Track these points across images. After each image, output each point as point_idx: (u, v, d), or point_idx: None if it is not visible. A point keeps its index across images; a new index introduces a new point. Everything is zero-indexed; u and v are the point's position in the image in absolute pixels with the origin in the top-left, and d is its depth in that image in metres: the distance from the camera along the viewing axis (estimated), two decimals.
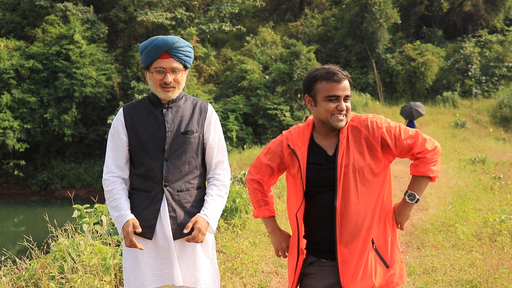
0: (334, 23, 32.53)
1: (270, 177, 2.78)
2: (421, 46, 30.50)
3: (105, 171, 2.84)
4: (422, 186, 2.59)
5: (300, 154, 2.57)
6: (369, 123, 2.53)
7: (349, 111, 2.57)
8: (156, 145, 2.78)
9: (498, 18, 35.04)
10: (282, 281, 5.25)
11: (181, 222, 2.78)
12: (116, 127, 2.83)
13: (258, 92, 26.25)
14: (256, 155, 20.86)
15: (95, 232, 4.87)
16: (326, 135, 2.60)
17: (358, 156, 2.49)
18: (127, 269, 2.81)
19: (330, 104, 2.51)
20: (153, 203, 2.78)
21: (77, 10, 27.90)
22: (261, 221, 7.25)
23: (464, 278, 4.99)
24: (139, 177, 2.82)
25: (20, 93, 25.15)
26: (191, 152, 2.84)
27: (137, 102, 2.91)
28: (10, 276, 4.15)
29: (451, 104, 28.12)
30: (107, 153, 2.86)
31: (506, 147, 20.03)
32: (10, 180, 25.63)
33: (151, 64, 2.79)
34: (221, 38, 33.50)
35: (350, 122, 2.56)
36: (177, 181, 2.80)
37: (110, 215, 2.84)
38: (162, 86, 2.77)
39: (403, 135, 2.51)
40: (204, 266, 2.83)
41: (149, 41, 2.80)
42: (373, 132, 2.51)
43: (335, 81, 2.51)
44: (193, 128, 2.83)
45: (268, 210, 2.81)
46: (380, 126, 2.52)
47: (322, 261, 2.58)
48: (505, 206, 8.16)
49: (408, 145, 2.50)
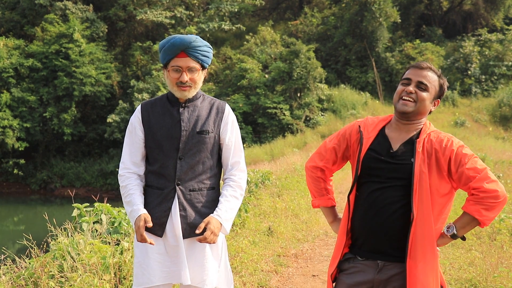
0: (334, 22, 32.52)
1: (333, 164, 2.71)
2: (421, 45, 30.51)
3: (121, 167, 2.86)
4: (465, 226, 2.40)
5: (365, 139, 2.52)
6: (444, 140, 2.42)
7: (421, 102, 2.46)
8: (170, 143, 2.78)
9: (498, 17, 35.04)
10: (282, 280, 5.25)
11: (191, 221, 2.78)
12: (134, 124, 2.85)
13: (258, 91, 26.25)
14: (256, 153, 20.90)
15: (94, 231, 4.86)
16: (397, 128, 2.52)
17: (426, 170, 2.39)
18: (136, 264, 2.83)
19: (401, 87, 2.50)
20: (165, 201, 2.78)
21: (76, 9, 27.89)
22: (260, 221, 7.26)
23: (464, 276, 5.00)
24: (153, 174, 2.83)
25: (19, 92, 25.16)
26: (206, 152, 2.83)
27: (155, 100, 2.92)
28: (10, 275, 4.15)
29: (450, 103, 28.14)
30: (124, 149, 2.88)
31: (506, 146, 20.06)
32: (10, 179, 25.64)
33: (168, 63, 2.78)
34: (221, 37, 33.49)
35: (429, 136, 2.46)
36: (190, 180, 2.80)
37: (125, 210, 2.86)
38: (178, 85, 2.77)
39: (468, 164, 2.35)
40: (212, 266, 2.81)
41: (167, 39, 2.79)
42: (444, 149, 2.39)
43: (415, 67, 2.50)
44: (208, 128, 2.83)
45: (330, 200, 2.74)
46: (452, 145, 2.40)
47: (358, 259, 2.52)
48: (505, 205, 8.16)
49: (467, 175, 2.34)
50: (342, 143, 2.65)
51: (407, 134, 2.49)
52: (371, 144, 2.52)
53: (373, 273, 2.47)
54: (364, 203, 2.49)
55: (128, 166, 2.84)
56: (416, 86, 2.46)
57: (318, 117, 26.00)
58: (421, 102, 2.45)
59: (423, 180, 2.37)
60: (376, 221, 2.45)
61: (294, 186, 9.96)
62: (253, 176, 9.66)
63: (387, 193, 2.44)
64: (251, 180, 9.32)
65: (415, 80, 2.46)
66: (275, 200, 8.54)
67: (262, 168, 11.93)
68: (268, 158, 19.19)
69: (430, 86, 2.46)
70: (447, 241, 2.47)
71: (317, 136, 23.13)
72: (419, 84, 2.46)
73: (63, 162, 26.30)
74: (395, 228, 2.42)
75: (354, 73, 30.12)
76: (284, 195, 9.10)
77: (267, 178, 9.82)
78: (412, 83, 2.46)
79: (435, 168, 2.39)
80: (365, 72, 30.19)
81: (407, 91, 2.45)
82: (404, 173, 2.41)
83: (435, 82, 2.48)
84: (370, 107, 27.42)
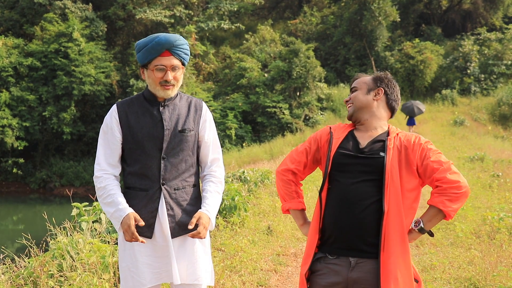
0: (333, 21, 32.53)
1: (304, 167, 2.78)
2: (420, 44, 30.52)
3: (96, 168, 2.79)
4: (432, 219, 2.50)
5: (335, 139, 2.65)
6: (412, 138, 2.55)
7: (354, 99, 2.69)
8: (153, 143, 2.76)
9: (497, 16, 35.06)
10: (281, 279, 5.25)
11: (179, 220, 2.78)
12: (110, 124, 2.78)
13: (257, 90, 26.25)
14: (256, 152, 20.90)
15: (94, 230, 4.86)
16: (361, 130, 2.67)
17: (396, 165, 2.49)
18: (123, 268, 2.79)
19: None
20: (151, 201, 2.76)
21: (75, 8, 27.88)
22: (260, 220, 7.26)
23: (463, 275, 5.00)
24: (134, 175, 2.78)
25: (18, 91, 25.14)
26: (188, 150, 2.84)
27: (131, 100, 2.86)
28: (9, 274, 4.14)
29: (450, 102, 28.15)
30: (98, 150, 2.80)
31: (505, 145, 20.06)
32: (9, 178, 25.62)
33: (150, 62, 2.75)
34: (220, 36, 33.49)
35: (398, 134, 2.60)
36: (174, 179, 2.79)
37: (105, 212, 2.77)
38: (162, 84, 2.74)
39: (433, 157, 2.47)
40: (204, 262, 2.84)
41: (149, 38, 2.76)
42: (413, 145, 2.52)
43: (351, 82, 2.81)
44: (189, 126, 2.83)
45: (301, 203, 2.79)
46: (420, 141, 2.54)
47: (329, 258, 2.54)
48: (504, 204, 8.16)
49: (432, 167, 2.45)
50: (313, 145, 2.74)
51: (373, 133, 2.63)
52: (340, 143, 2.63)
53: (346, 272, 2.49)
54: (336, 199, 2.54)
55: (105, 168, 2.77)
56: (350, 93, 2.74)
57: (318, 116, 26.01)
58: (354, 99, 2.68)
59: (394, 175, 2.46)
60: (348, 217, 2.50)
61: None
62: (252, 175, 9.65)
63: (359, 188, 2.50)
64: (251, 179, 9.32)
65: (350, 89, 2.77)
66: (275, 199, 8.54)
67: (261, 167, 11.93)
68: (267, 157, 19.19)
69: (359, 85, 2.70)
70: (416, 236, 2.55)
71: None
72: (351, 90, 2.74)
73: (62, 161, 26.29)
74: (368, 223, 2.47)
75: (353, 72, 30.13)
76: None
77: (267, 177, 9.81)
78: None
79: (404, 164, 2.50)
80: (365, 71, 30.17)
81: (345, 101, 2.75)
82: (375, 167, 2.49)
83: (364, 80, 2.71)
84: None
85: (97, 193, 2.78)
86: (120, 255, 2.82)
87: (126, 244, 2.77)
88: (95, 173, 2.78)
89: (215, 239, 6.09)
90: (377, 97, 2.65)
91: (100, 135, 2.82)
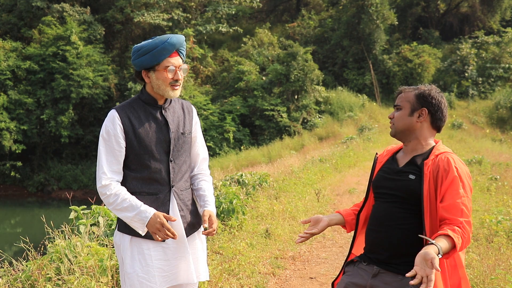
0: (331, 24, 32.57)
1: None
2: (418, 47, 30.59)
3: (103, 177, 2.68)
4: (442, 243, 2.22)
5: (378, 163, 2.71)
6: (445, 163, 2.43)
7: (397, 120, 2.61)
8: (160, 147, 2.76)
9: (495, 20, 35.15)
10: (279, 282, 5.25)
11: (189, 220, 2.85)
12: (113, 132, 2.71)
13: (255, 93, 26.26)
14: (254, 156, 20.90)
15: (92, 234, 4.85)
16: (403, 150, 2.66)
17: (433, 190, 2.43)
18: (131, 275, 2.71)
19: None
20: (162, 205, 2.76)
21: (74, 11, 27.87)
22: (258, 223, 7.26)
23: None
24: (141, 180, 2.75)
25: (16, 94, 25.12)
26: (188, 152, 2.90)
27: (129, 104, 2.80)
28: (7, 278, 4.14)
29: (447, 105, 28.16)
30: (101, 158, 2.71)
31: (503, 148, 20.09)
32: (7, 181, 25.57)
33: (159, 63, 2.70)
34: (218, 39, 33.51)
35: (438, 156, 2.48)
36: (180, 181, 2.84)
37: (123, 218, 2.68)
38: (172, 84, 2.73)
39: (454, 193, 2.35)
40: (203, 259, 2.92)
41: (157, 40, 2.70)
42: (443, 169, 2.42)
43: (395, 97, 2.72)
44: (188, 128, 2.88)
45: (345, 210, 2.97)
46: (451, 166, 2.41)
47: (362, 263, 2.64)
48: (502, 207, 8.17)
49: (447, 207, 2.34)
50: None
51: (411, 154, 2.58)
52: (383, 164, 2.68)
53: (368, 277, 2.56)
54: (372, 218, 2.64)
55: (111, 176, 2.70)
56: (395, 110, 2.66)
57: (316, 119, 26.02)
58: (397, 121, 2.60)
59: (432, 202, 2.42)
60: (377, 237, 2.57)
61: (291, 188, 9.95)
62: (250, 178, 9.65)
63: (388, 209, 2.55)
64: (249, 183, 9.31)
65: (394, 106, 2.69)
66: (273, 202, 8.54)
67: (259, 170, 11.93)
68: (265, 160, 19.19)
69: (402, 104, 2.60)
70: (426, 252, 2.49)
71: (315, 138, 23.13)
72: (395, 108, 2.65)
73: (60, 164, 26.25)
74: (396, 244, 2.50)
75: (351, 75, 30.17)
76: (282, 197, 9.10)
77: (265, 180, 9.81)
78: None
79: (436, 186, 2.43)
80: (363, 75, 30.24)
81: (389, 117, 2.68)
82: (405, 190, 2.47)
83: (408, 98, 2.59)
84: (368, 109, 27.47)
85: (107, 201, 2.69)
86: (127, 262, 2.74)
87: (135, 250, 2.73)
88: (102, 182, 2.68)
89: (213, 242, 6.08)
90: (421, 119, 2.55)
91: (100, 143, 2.74)
